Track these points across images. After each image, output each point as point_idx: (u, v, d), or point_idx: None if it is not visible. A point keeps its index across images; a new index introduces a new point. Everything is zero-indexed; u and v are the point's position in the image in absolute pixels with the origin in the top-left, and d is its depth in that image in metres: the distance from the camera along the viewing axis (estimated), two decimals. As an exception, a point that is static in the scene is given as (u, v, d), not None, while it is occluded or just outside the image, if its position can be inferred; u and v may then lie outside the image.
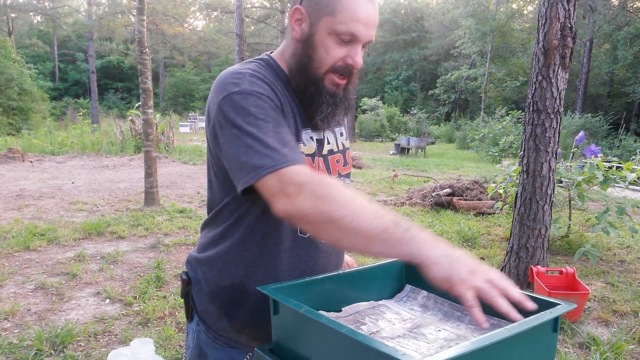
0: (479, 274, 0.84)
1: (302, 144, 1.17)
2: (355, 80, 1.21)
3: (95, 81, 29.25)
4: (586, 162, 5.02)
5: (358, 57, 1.12)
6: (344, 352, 0.81)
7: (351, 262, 1.52)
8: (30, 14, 32.45)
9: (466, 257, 0.87)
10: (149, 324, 3.35)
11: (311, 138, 1.20)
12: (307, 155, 1.18)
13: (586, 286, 3.62)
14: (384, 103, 30.23)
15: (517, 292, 0.84)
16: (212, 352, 1.28)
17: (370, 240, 0.92)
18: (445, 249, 0.88)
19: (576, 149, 6.10)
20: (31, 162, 11.97)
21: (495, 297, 0.82)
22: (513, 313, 0.81)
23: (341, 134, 1.33)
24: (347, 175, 1.35)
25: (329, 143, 1.27)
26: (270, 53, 1.24)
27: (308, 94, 1.16)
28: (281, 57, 1.21)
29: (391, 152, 19.10)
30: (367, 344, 0.74)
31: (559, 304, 0.90)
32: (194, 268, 1.29)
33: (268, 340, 1.20)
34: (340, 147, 1.31)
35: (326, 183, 0.97)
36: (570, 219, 5.55)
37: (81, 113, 20.35)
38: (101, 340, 3.13)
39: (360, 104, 29.27)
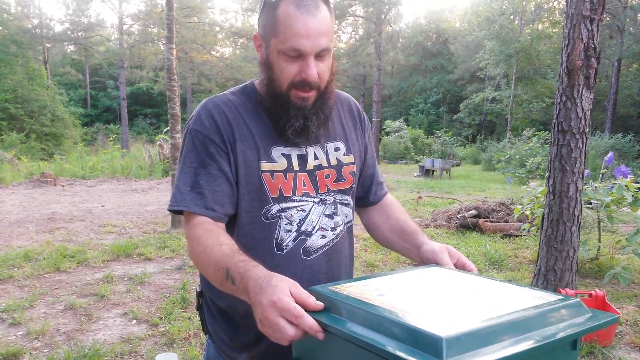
0: (269, 315, 0.86)
1: (271, 162, 1.21)
2: (329, 91, 1.23)
3: (126, 107, 29.97)
4: (615, 184, 4.92)
5: (310, 69, 1.14)
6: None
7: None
8: (65, 43, 33.65)
9: (266, 295, 0.88)
10: (174, 345, 3.39)
11: (284, 155, 1.23)
12: (279, 171, 1.21)
13: (617, 309, 3.52)
14: (408, 125, 30.12)
15: (301, 319, 0.85)
16: None
17: (220, 287, 1.08)
18: (254, 297, 0.91)
19: (605, 169, 5.99)
20: (63, 186, 12.29)
21: (285, 331, 0.85)
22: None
23: (336, 149, 1.31)
24: (343, 192, 1.31)
25: (316, 158, 1.27)
26: (255, 80, 1.32)
27: (275, 110, 1.21)
28: (260, 82, 1.28)
29: (415, 174, 18.98)
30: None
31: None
32: (202, 285, 1.34)
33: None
34: (334, 162, 1.29)
35: (197, 235, 1.12)
36: (599, 241, 5.42)
37: (111, 138, 20.81)
38: (128, 360, 3.17)
39: (384, 127, 29.23)
